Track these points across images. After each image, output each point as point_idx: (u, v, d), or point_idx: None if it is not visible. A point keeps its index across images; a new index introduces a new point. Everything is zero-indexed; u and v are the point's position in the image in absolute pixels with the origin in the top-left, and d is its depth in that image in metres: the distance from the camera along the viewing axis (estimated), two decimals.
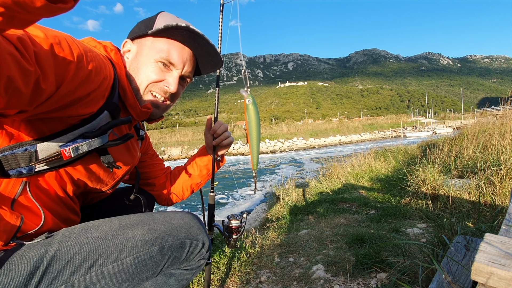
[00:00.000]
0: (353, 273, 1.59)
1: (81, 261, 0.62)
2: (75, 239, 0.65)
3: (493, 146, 3.15)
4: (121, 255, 0.66)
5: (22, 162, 0.60)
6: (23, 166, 0.60)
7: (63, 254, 0.62)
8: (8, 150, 0.59)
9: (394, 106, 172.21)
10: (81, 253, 0.63)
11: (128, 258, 0.66)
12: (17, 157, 0.59)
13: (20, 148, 0.60)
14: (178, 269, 0.77)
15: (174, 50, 0.80)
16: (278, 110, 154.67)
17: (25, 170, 0.61)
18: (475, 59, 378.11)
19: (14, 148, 0.59)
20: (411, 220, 2.47)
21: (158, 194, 1.12)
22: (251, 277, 1.70)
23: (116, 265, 0.65)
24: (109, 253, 0.65)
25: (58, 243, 0.63)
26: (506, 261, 0.56)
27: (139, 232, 0.69)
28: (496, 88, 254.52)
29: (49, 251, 0.61)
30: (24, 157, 0.60)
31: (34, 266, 0.59)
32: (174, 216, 0.77)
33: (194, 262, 0.79)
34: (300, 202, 3.79)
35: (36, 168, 0.63)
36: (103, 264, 0.64)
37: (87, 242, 0.64)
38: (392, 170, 5.01)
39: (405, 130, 37.99)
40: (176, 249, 0.73)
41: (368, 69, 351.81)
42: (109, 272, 0.65)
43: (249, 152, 1.12)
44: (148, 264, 0.70)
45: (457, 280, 0.94)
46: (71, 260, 0.62)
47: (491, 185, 2.43)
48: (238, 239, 1.11)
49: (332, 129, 36.91)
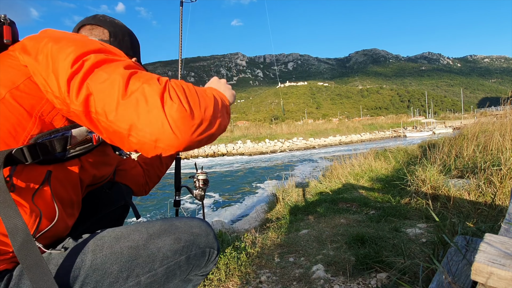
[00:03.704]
0: (353, 273, 1.59)
1: (118, 272, 0.62)
2: (109, 248, 0.64)
3: (493, 146, 3.15)
4: (154, 265, 0.66)
5: (58, 147, 0.61)
6: (58, 151, 0.62)
7: (99, 264, 0.61)
8: (47, 136, 0.60)
9: (394, 106, 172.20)
10: (117, 263, 0.62)
11: (160, 268, 0.67)
12: (54, 142, 0.61)
13: (58, 133, 0.62)
14: (196, 275, 0.80)
15: None
16: (278, 110, 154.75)
17: (60, 155, 0.63)
18: (475, 59, 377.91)
19: (52, 133, 0.61)
20: (411, 220, 2.47)
21: (133, 181, 1.09)
22: (251, 277, 1.70)
23: (150, 276, 0.66)
24: (143, 263, 0.65)
25: (92, 252, 0.62)
26: (506, 261, 0.56)
27: (168, 242, 0.70)
28: (496, 88, 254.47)
29: (85, 260, 0.60)
30: (61, 142, 0.62)
31: (72, 276, 0.58)
32: (193, 224, 0.79)
33: (210, 267, 0.82)
34: (300, 202, 3.79)
35: (70, 153, 0.64)
36: (138, 274, 0.64)
37: (122, 252, 0.64)
38: (392, 170, 5.01)
39: (405, 130, 37.97)
40: (199, 258, 0.76)
41: (368, 69, 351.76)
42: (144, 282, 0.65)
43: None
44: (177, 273, 0.71)
45: (457, 280, 0.94)
46: (109, 270, 0.61)
47: (491, 185, 2.43)
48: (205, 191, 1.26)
49: (332, 129, 36.90)
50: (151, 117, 0.50)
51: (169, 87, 0.54)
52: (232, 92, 0.84)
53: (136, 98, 0.51)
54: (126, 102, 0.51)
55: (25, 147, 0.56)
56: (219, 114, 0.63)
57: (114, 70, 0.54)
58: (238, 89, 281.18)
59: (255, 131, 33.19)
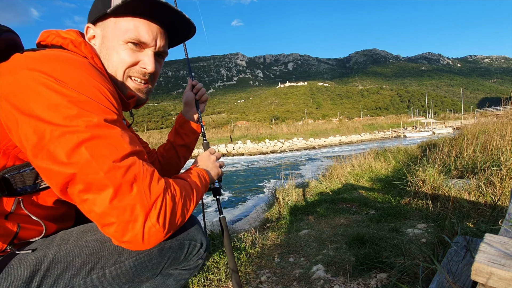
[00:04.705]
0: (353, 273, 1.59)
1: (81, 264, 0.62)
2: (74, 242, 0.64)
3: (493, 146, 3.15)
4: (121, 257, 0.65)
5: (28, 180, 0.61)
6: (28, 184, 0.61)
7: (62, 257, 0.61)
8: (15, 170, 0.60)
9: (394, 106, 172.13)
10: (81, 256, 0.63)
11: (128, 261, 0.66)
12: (24, 176, 0.60)
13: (27, 168, 0.61)
14: (177, 269, 0.78)
15: (141, 27, 0.73)
16: (278, 110, 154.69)
17: (30, 188, 0.62)
18: (475, 59, 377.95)
19: (21, 168, 0.60)
20: (411, 220, 2.46)
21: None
22: (251, 277, 1.70)
23: (116, 268, 0.65)
24: (109, 255, 0.64)
25: (56, 246, 0.63)
26: (506, 261, 0.56)
27: None
28: (496, 88, 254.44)
29: (48, 254, 0.61)
30: (31, 176, 0.61)
31: (33, 270, 0.59)
32: None
33: (192, 262, 0.79)
34: (300, 202, 3.79)
35: (41, 185, 0.63)
36: (103, 266, 0.64)
37: (86, 245, 0.64)
38: (392, 170, 5.01)
39: (405, 130, 37.96)
40: (175, 250, 0.73)
41: (368, 69, 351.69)
42: (110, 274, 0.64)
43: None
44: (148, 265, 0.69)
45: (457, 280, 0.94)
46: (71, 263, 0.61)
47: (491, 185, 2.43)
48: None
49: (332, 129, 36.91)
50: (130, 226, 0.54)
51: (159, 204, 0.56)
52: (218, 171, 0.90)
53: (124, 207, 0.53)
54: (115, 207, 0.53)
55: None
56: (193, 207, 0.68)
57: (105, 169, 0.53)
58: (238, 89, 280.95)
59: (255, 131, 33.22)
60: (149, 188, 0.55)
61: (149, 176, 0.56)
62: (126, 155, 0.55)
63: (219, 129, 46.09)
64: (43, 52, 0.61)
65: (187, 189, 0.66)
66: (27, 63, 0.56)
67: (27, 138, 0.52)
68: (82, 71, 0.59)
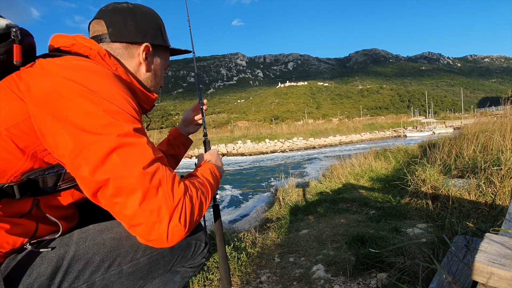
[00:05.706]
0: (353, 273, 1.59)
1: (100, 261, 0.66)
2: (92, 240, 0.68)
3: (493, 146, 3.14)
4: (136, 255, 0.70)
5: (50, 182, 0.66)
6: (49, 186, 0.66)
7: (82, 255, 0.65)
8: (40, 173, 0.64)
9: (394, 106, 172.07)
10: (99, 253, 0.66)
11: (143, 258, 0.71)
12: (47, 178, 0.65)
13: (52, 170, 0.65)
14: (183, 267, 0.84)
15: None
16: (278, 110, 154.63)
17: (50, 189, 0.66)
18: (475, 59, 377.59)
19: (46, 170, 0.64)
20: (411, 220, 2.47)
21: None
22: (251, 277, 1.70)
23: (132, 265, 0.70)
24: (125, 253, 0.69)
25: (75, 244, 0.66)
26: (506, 261, 0.56)
27: None
28: (496, 88, 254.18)
29: (68, 252, 0.65)
30: (54, 178, 0.66)
31: (55, 266, 0.62)
32: None
33: (197, 260, 0.86)
34: (300, 202, 3.79)
35: (60, 187, 0.68)
36: (120, 263, 0.68)
37: (104, 243, 0.68)
38: (392, 170, 5.01)
39: (405, 130, 37.98)
40: (184, 249, 0.80)
41: (368, 69, 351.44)
42: (127, 271, 0.69)
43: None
44: (160, 263, 0.75)
45: (457, 280, 0.94)
46: (91, 260, 0.65)
47: (491, 185, 2.43)
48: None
49: (332, 129, 36.92)
50: (156, 226, 0.58)
51: (181, 206, 0.60)
52: (223, 168, 1.00)
53: (151, 210, 0.57)
54: (143, 209, 0.57)
55: (15, 184, 0.60)
56: (208, 204, 0.72)
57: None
58: (238, 89, 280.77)
59: (255, 131, 33.23)
60: (172, 192, 0.59)
61: (171, 181, 0.60)
62: (152, 162, 0.59)
63: (219, 129, 46.06)
64: (73, 62, 0.65)
65: (202, 189, 0.70)
66: (61, 71, 0.60)
67: (64, 144, 0.56)
68: (111, 82, 0.64)
